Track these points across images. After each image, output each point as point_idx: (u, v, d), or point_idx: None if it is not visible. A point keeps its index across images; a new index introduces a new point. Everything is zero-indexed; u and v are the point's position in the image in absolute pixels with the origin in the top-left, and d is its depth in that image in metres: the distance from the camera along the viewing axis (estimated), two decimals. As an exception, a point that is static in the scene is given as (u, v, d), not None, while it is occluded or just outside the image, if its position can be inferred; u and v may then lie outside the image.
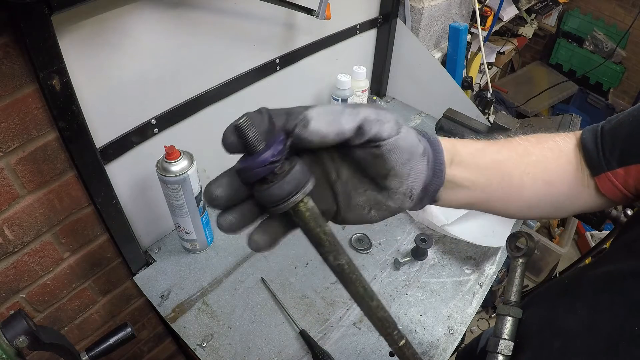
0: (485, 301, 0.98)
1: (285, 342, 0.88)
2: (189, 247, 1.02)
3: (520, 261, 0.65)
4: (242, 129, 0.36)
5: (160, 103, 0.89)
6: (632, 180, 0.48)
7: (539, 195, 0.50)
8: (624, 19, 2.69)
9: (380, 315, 0.49)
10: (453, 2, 1.65)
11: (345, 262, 0.44)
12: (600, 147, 0.50)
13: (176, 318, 0.90)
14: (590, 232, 2.38)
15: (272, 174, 0.37)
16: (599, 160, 0.50)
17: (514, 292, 0.63)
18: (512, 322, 0.60)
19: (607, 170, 0.49)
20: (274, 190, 0.37)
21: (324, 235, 0.41)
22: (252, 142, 0.36)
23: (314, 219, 0.41)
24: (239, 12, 0.93)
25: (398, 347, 0.54)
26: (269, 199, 0.37)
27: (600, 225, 1.03)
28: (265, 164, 0.36)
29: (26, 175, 0.74)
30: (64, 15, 0.63)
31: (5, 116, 0.66)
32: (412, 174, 0.39)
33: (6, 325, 0.57)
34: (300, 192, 0.38)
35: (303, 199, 0.39)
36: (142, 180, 0.93)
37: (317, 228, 0.41)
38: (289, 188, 0.37)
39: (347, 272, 0.45)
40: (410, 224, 1.14)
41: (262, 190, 0.37)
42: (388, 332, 0.51)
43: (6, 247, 0.78)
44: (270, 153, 0.36)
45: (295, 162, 0.38)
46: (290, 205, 0.38)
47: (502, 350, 0.58)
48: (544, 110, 2.94)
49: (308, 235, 0.41)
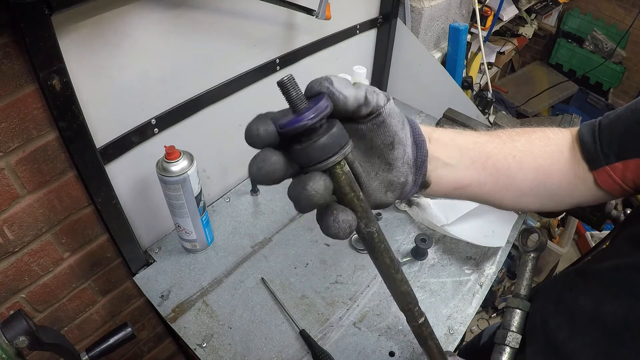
0: (485, 301, 0.99)
1: (285, 342, 0.88)
2: (189, 247, 1.02)
3: (532, 256, 0.67)
4: (287, 86, 0.36)
5: (160, 103, 0.89)
6: (631, 174, 0.48)
7: (530, 181, 0.50)
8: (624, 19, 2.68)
9: (403, 289, 0.48)
10: (453, 2, 1.65)
11: (375, 230, 0.42)
12: (598, 141, 0.50)
13: (176, 318, 0.90)
14: (590, 232, 2.38)
15: (314, 131, 0.36)
16: (596, 154, 0.50)
17: (524, 285, 0.64)
18: (521, 315, 0.60)
19: (606, 165, 0.49)
20: (315, 146, 0.36)
21: (358, 200, 0.40)
22: (295, 100, 0.36)
23: (349, 184, 0.39)
24: (239, 12, 0.93)
25: (417, 325, 0.53)
26: (309, 155, 0.36)
27: (600, 225, 1.02)
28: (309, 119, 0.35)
29: (26, 175, 0.74)
30: (64, 15, 0.63)
31: (5, 116, 0.66)
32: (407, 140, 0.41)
33: (6, 325, 0.57)
34: (340, 153, 0.37)
35: (341, 161, 0.38)
36: (142, 180, 0.93)
37: (352, 193, 0.40)
38: (330, 147, 0.36)
39: (377, 240, 0.43)
40: (410, 224, 1.14)
41: (302, 148, 0.36)
42: (409, 307, 0.51)
43: (6, 247, 0.78)
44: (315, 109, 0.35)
45: (335, 123, 0.37)
46: (328, 166, 0.37)
47: (510, 342, 0.58)
48: (544, 110, 2.94)
49: (342, 199, 0.40)
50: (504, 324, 0.61)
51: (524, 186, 0.51)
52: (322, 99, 0.36)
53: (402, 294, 0.48)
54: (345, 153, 0.38)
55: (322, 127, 0.36)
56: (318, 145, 0.36)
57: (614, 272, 0.49)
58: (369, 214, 0.41)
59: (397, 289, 0.48)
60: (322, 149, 0.36)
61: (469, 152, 0.48)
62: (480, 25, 1.67)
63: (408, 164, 0.42)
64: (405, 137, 0.41)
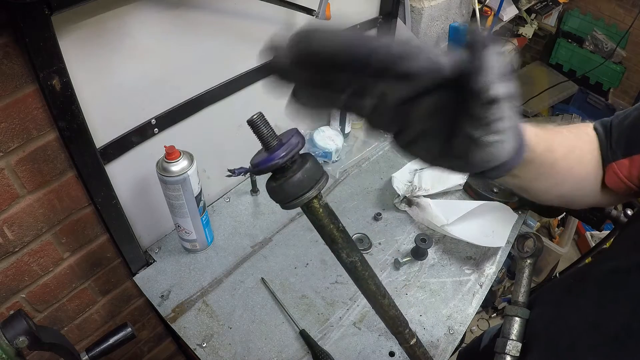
0: (485, 301, 0.98)
1: (285, 342, 0.88)
2: (189, 247, 1.02)
3: (528, 262, 0.66)
4: (257, 124, 0.36)
5: (160, 103, 0.88)
6: (636, 171, 0.48)
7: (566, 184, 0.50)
8: (624, 19, 2.68)
9: (391, 313, 0.49)
10: (453, 2, 1.65)
11: (357, 259, 0.43)
12: (609, 139, 0.50)
13: (176, 318, 0.90)
14: (590, 232, 2.38)
15: (287, 168, 0.36)
16: (606, 152, 0.50)
17: (522, 292, 0.63)
18: (520, 322, 0.60)
19: (613, 161, 0.49)
20: (290, 183, 0.36)
21: (337, 232, 0.41)
22: (267, 137, 0.36)
23: (328, 216, 0.40)
24: (239, 12, 0.93)
25: (409, 346, 0.53)
26: (285, 192, 0.37)
27: (600, 225, 1.02)
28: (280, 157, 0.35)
29: (26, 175, 0.74)
30: (64, 15, 0.63)
31: (5, 116, 0.66)
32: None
33: (6, 325, 0.57)
34: (315, 188, 0.37)
35: (317, 195, 0.38)
36: (142, 180, 0.93)
37: (331, 225, 0.40)
38: (305, 182, 0.36)
39: (360, 269, 0.44)
40: (410, 224, 1.14)
41: (277, 185, 0.37)
42: (399, 330, 0.51)
43: (6, 247, 0.78)
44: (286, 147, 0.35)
45: (308, 157, 0.38)
46: (305, 201, 0.37)
47: (510, 351, 0.58)
48: (544, 110, 2.94)
49: (321, 231, 0.41)
50: (503, 333, 0.60)
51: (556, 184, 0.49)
52: (294, 135, 0.36)
53: (391, 318, 0.49)
54: (320, 187, 0.38)
55: (296, 163, 0.37)
56: (293, 181, 0.36)
57: (613, 275, 0.49)
58: (351, 243, 0.42)
59: (385, 313, 0.48)
60: (298, 185, 0.36)
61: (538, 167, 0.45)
62: (480, 25, 1.66)
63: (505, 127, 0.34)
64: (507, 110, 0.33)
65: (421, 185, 1.18)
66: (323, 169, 0.38)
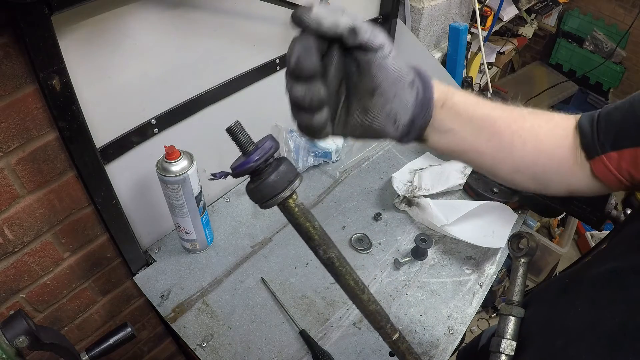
0: (485, 301, 0.98)
1: (285, 342, 0.88)
2: (189, 247, 1.02)
3: (522, 261, 0.66)
4: (235, 132, 0.41)
5: (160, 103, 0.88)
6: (626, 164, 0.48)
7: (527, 159, 0.51)
8: (624, 19, 2.68)
9: (371, 308, 0.51)
10: (453, 2, 1.65)
11: (334, 255, 0.46)
12: (596, 131, 0.50)
13: (176, 318, 0.90)
14: (590, 232, 2.38)
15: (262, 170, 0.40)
16: (593, 143, 0.50)
17: (516, 291, 0.64)
18: (515, 321, 0.60)
19: (601, 154, 0.49)
20: (265, 184, 0.40)
21: (313, 229, 0.44)
22: (244, 143, 0.41)
23: (303, 214, 0.43)
24: (239, 12, 0.93)
25: (392, 341, 0.54)
26: (261, 193, 0.40)
27: (600, 225, 1.02)
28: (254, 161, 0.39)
29: (26, 175, 0.74)
30: (64, 15, 0.63)
31: (5, 116, 0.66)
32: (397, 98, 0.42)
33: (6, 325, 0.57)
34: (288, 189, 0.41)
35: (292, 195, 0.42)
36: (142, 180, 0.93)
37: (307, 223, 0.44)
38: (279, 183, 0.40)
39: (337, 265, 0.47)
40: (410, 224, 1.14)
41: (254, 187, 0.41)
42: (381, 325, 0.53)
43: (6, 247, 0.78)
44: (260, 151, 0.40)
45: (283, 161, 0.41)
46: (279, 201, 0.41)
47: (504, 350, 0.58)
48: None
49: (298, 229, 0.44)
50: (498, 332, 0.60)
51: (520, 163, 0.51)
52: (268, 140, 0.41)
53: (372, 313, 0.51)
54: (294, 188, 0.42)
55: (270, 166, 0.41)
56: (267, 183, 0.40)
57: (610, 276, 0.48)
58: (327, 240, 0.45)
59: (364, 308, 0.51)
60: (272, 186, 0.40)
61: (478, 124, 0.49)
62: (480, 25, 1.66)
63: (388, 116, 0.43)
64: (399, 93, 0.42)
65: (421, 185, 1.18)
66: (297, 170, 0.42)
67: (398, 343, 0.55)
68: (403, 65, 0.42)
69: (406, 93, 0.43)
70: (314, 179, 1.25)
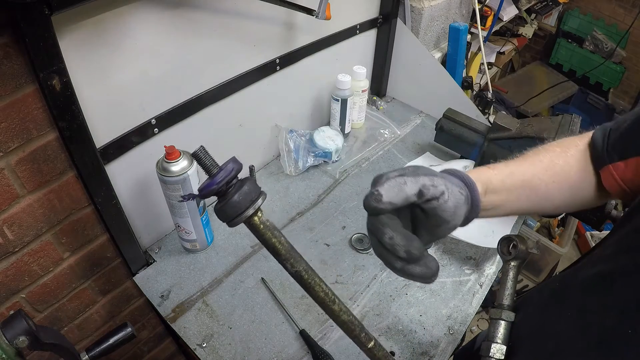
0: (485, 301, 0.98)
1: (285, 342, 0.88)
2: (189, 247, 1.02)
3: (512, 264, 0.65)
4: (200, 156, 0.43)
5: (160, 103, 0.89)
6: (630, 173, 0.49)
7: (565, 198, 0.57)
8: (624, 19, 2.69)
9: (344, 318, 0.53)
10: (453, 2, 1.65)
11: (302, 268, 0.48)
12: (606, 142, 0.53)
13: (176, 318, 0.90)
14: (590, 232, 2.38)
15: (226, 191, 0.42)
16: (602, 154, 0.53)
17: (506, 295, 0.63)
18: (505, 325, 0.60)
19: (609, 163, 0.52)
20: (229, 204, 0.42)
21: (280, 244, 0.46)
22: (209, 167, 0.43)
23: (269, 230, 0.45)
24: (239, 12, 0.93)
25: (368, 349, 0.56)
26: (226, 212, 0.42)
27: (600, 225, 1.02)
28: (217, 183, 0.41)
29: (26, 175, 0.74)
30: (64, 15, 0.63)
31: (5, 116, 0.66)
32: (457, 218, 0.48)
33: (6, 325, 0.57)
34: (251, 207, 0.43)
35: (257, 212, 0.44)
36: (142, 180, 0.93)
37: (273, 239, 0.45)
38: (242, 203, 0.42)
39: (306, 277, 0.48)
40: (410, 224, 1.14)
41: (220, 207, 0.43)
42: (355, 334, 0.54)
43: (6, 247, 0.78)
44: (223, 173, 0.42)
45: (246, 181, 0.43)
46: (243, 219, 0.43)
47: (494, 354, 0.57)
48: (544, 110, 2.94)
49: (265, 245, 0.46)
50: (488, 336, 0.60)
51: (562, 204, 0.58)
52: (230, 163, 0.43)
53: (344, 323, 0.53)
54: (256, 207, 0.43)
55: (234, 187, 0.43)
56: (231, 203, 0.42)
57: (599, 279, 0.48)
58: (294, 254, 0.47)
59: (336, 319, 0.52)
60: (235, 206, 0.42)
61: (515, 192, 0.55)
62: (480, 25, 1.67)
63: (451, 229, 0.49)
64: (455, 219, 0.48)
65: (421, 185, 1.18)
66: (260, 190, 0.44)
67: (374, 351, 0.57)
68: (458, 195, 0.47)
69: (462, 210, 0.48)
70: (314, 179, 1.25)
